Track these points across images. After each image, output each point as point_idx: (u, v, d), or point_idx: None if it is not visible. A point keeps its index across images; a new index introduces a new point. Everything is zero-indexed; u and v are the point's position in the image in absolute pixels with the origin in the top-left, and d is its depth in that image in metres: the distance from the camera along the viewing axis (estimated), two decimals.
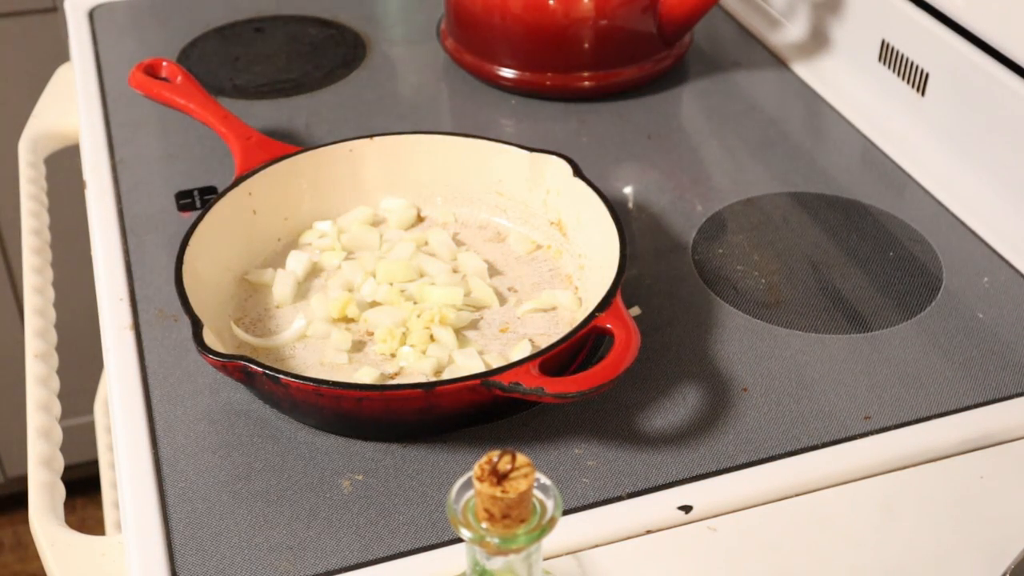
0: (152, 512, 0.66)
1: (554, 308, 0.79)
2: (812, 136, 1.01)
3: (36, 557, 1.84)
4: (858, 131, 0.99)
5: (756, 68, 1.10)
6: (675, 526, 0.65)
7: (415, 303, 0.79)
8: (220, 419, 0.72)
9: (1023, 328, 0.77)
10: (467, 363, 0.74)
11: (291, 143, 0.89)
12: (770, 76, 1.09)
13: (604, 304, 0.70)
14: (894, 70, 0.99)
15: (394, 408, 0.67)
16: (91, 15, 1.21)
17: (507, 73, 1.05)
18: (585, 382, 0.65)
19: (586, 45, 1.03)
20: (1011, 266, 0.83)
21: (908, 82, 0.98)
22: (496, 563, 0.50)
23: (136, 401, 0.73)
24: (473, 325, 0.78)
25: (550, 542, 0.62)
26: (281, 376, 0.66)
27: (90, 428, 1.21)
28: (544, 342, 0.76)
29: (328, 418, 0.69)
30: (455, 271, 0.82)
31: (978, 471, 0.68)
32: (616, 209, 0.78)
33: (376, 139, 0.87)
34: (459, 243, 0.85)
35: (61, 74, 1.19)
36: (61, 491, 0.74)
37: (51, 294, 0.91)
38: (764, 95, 1.06)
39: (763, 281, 0.82)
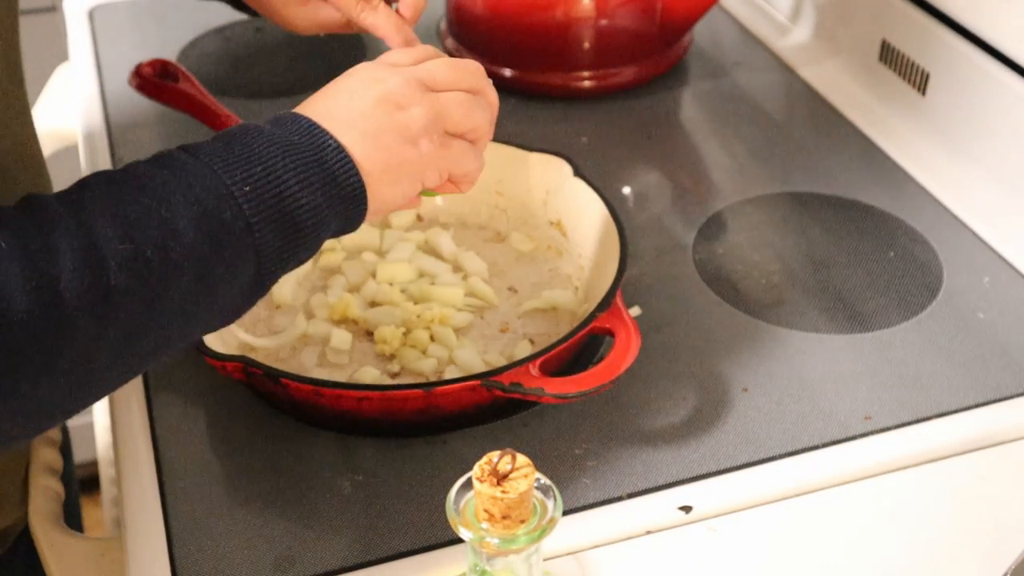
0: (152, 512, 0.66)
1: (554, 308, 0.79)
2: (812, 136, 1.01)
3: None
4: (858, 131, 0.99)
5: (756, 68, 1.10)
6: (675, 526, 0.65)
7: (415, 303, 0.79)
8: (220, 419, 0.72)
9: (1023, 328, 0.77)
10: (467, 363, 0.74)
11: None
12: (770, 75, 1.09)
13: (604, 304, 0.70)
14: (894, 70, 0.99)
15: (394, 408, 0.67)
16: (91, 15, 1.20)
17: (507, 73, 1.05)
18: (585, 382, 0.65)
19: (586, 45, 1.03)
20: (1012, 266, 0.83)
21: (908, 82, 0.98)
22: (496, 563, 0.50)
23: (136, 401, 0.73)
24: (473, 325, 0.78)
25: (550, 542, 0.62)
26: (281, 376, 0.66)
27: (90, 428, 1.21)
28: (544, 342, 0.76)
29: (328, 418, 0.69)
30: (455, 271, 0.82)
31: (978, 471, 0.68)
32: (616, 209, 0.78)
33: None
34: (459, 243, 0.85)
35: (61, 74, 1.19)
36: (61, 492, 0.75)
37: None
38: (764, 94, 1.06)
39: (763, 281, 0.82)
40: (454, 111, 0.61)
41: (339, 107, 0.60)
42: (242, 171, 0.54)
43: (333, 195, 0.57)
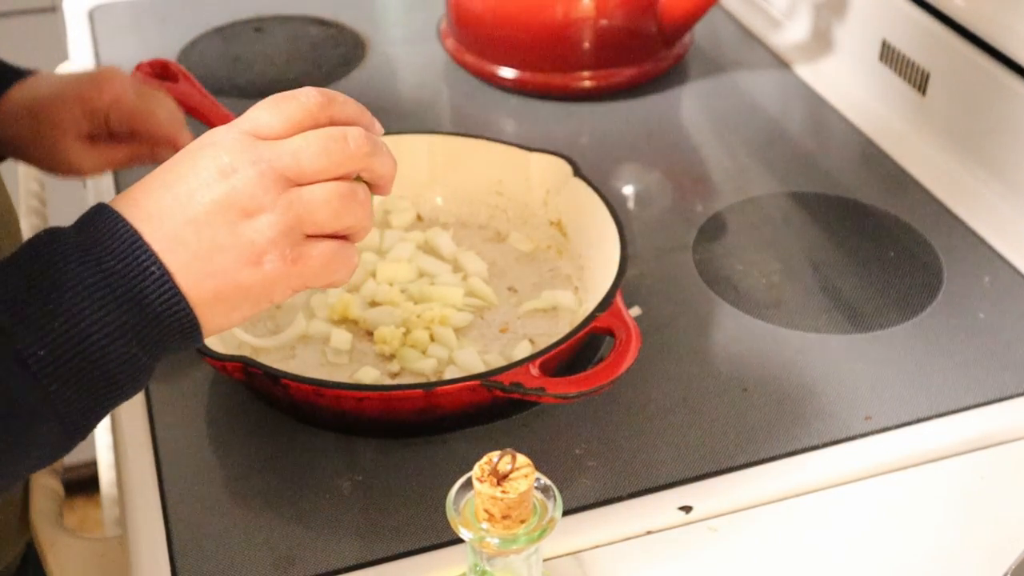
0: (152, 512, 0.66)
1: (554, 308, 0.79)
2: (812, 136, 1.01)
3: None
4: (858, 131, 0.99)
5: (756, 68, 1.10)
6: (675, 526, 0.65)
7: (415, 303, 0.79)
8: (220, 419, 0.72)
9: (1023, 328, 0.77)
10: (467, 363, 0.74)
11: None
12: (770, 76, 1.09)
13: (604, 304, 0.70)
14: (894, 70, 0.99)
15: (394, 408, 0.67)
16: (91, 15, 1.20)
17: (507, 73, 1.05)
18: (585, 382, 0.65)
19: (586, 45, 1.03)
20: (1012, 266, 0.83)
21: (908, 82, 0.98)
22: (496, 563, 0.50)
23: (136, 401, 0.73)
24: (473, 325, 0.78)
25: (550, 542, 0.62)
26: (281, 376, 0.66)
27: None
28: (544, 342, 0.76)
29: (328, 418, 0.69)
30: (455, 271, 0.82)
31: (978, 471, 0.68)
32: (616, 209, 0.78)
33: None
34: (459, 243, 0.85)
35: None
36: (60, 492, 0.74)
37: None
38: (764, 95, 1.06)
39: (763, 281, 0.82)
40: (318, 213, 0.52)
41: (173, 208, 0.50)
42: (37, 330, 0.47)
43: (154, 338, 0.49)
